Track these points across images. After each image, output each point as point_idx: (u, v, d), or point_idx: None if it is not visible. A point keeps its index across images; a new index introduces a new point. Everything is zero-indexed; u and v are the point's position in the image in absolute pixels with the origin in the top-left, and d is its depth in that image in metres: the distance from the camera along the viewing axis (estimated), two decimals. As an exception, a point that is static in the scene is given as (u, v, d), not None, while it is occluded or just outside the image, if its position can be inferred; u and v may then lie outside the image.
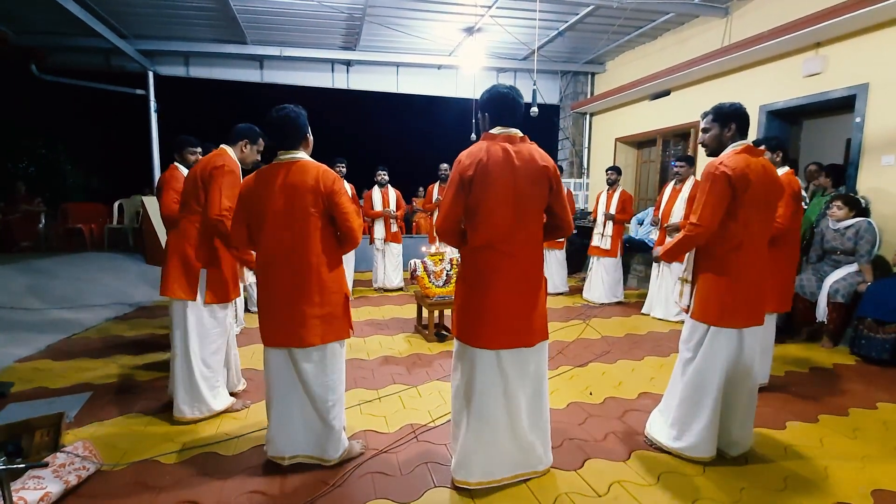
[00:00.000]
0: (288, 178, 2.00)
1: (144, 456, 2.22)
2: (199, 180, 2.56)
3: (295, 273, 2.02)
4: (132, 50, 6.66)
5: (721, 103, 2.24)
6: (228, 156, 2.61)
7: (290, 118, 2.05)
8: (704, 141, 2.28)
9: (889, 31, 4.18)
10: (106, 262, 6.49)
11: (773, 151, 3.05)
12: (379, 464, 2.19)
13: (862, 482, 2.08)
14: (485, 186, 1.84)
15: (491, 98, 1.95)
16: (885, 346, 3.53)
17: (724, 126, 2.19)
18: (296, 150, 2.08)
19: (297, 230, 2.00)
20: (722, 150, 2.21)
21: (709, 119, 2.26)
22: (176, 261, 2.59)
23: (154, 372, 3.34)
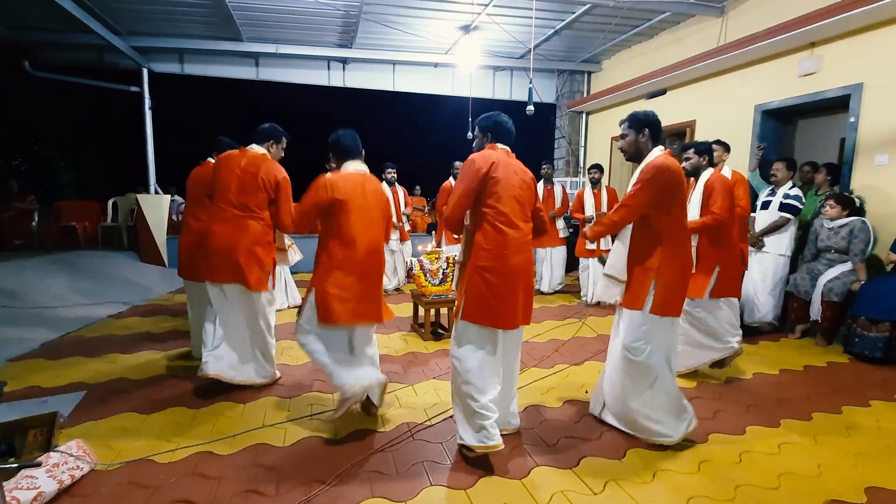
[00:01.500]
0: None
1: (138, 455, 2.21)
2: (261, 183, 2.86)
3: None
4: (126, 47, 6.61)
5: (635, 111, 2.46)
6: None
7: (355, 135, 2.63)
8: (622, 146, 2.49)
9: (883, 31, 4.21)
10: (100, 261, 6.44)
11: (700, 155, 3.26)
12: (375, 463, 2.19)
13: (855, 479, 2.09)
14: (499, 179, 2.17)
15: (496, 123, 2.33)
16: (877, 345, 3.56)
17: (639, 132, 2.39)
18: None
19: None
20: (639, 155, 2.42)
21: (625, 126, 2.45)
22: (248, 256, 2.83)
23: (148, 370, 3.32)
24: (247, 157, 2.90)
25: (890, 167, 4.20)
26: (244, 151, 2.95)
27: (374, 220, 2.56)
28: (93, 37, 6.06)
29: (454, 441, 2.38)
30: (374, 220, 2.55)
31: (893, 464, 2.23)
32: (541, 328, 4.55)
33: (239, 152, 2.95)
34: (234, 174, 2.86)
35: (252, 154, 2.93)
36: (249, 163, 2.88)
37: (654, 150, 2.37)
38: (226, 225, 2.83)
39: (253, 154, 2.93)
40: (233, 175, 2.86)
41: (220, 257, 2.81)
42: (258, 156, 2.93)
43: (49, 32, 6.46)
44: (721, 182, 3.12)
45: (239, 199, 2.85)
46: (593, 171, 5.76)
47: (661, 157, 2.31)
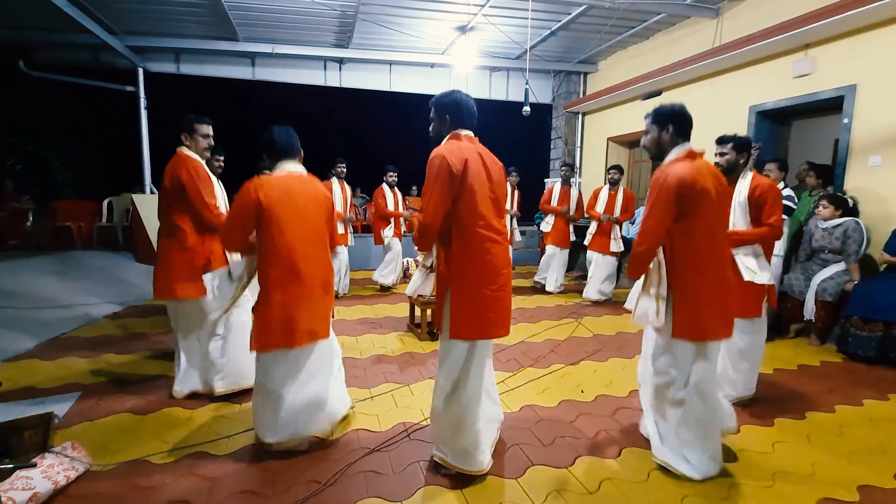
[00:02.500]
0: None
1: (134, 456, 2.21)
2: (171, 188, 2.73)
3: None
4: (122, 46, 6.59)
5: (660, 105, 2.18)
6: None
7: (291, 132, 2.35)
8: (644, 143, 2.21)
9: (877, 33, 4.24)
10: (95, 261, 6.41)
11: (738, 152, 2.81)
12: (371, 462, 2.19)
13: (848, 478, 2.11)
14: (471, 181, 1.93)
15: (454, 102, 2.04)
16: (871, 344, 3.59)
17: (662, 128, 2.12)
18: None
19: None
20: (663, 153, 2.14)
21: (648, 121, 2.18)
22: (167, 268, 2.78)
23: (143, 370, 3.31)
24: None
25: (883, 168, 4.23)
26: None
27: (315, 229, 2.28)
28: (88, 36, 6.03)
29: (450, 441, 2.39)
30: (313, 229, 2.27)
31: (886, 462, 2.25)
32: (537, 328, 4.57)
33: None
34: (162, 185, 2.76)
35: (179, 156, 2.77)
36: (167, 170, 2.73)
37: (675, 148, 2.09)
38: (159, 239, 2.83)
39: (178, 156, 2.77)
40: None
41: (157, 272, 2.80)
42: (171, 160, 2.77)
43: (44, 32, 6.42)
44: (775, 191, 2.71)
45: (162, 210, 2.79)
46: (613, 171, 5.83)
47: (676, 164, 2.03)
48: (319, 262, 2.29)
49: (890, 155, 4.18)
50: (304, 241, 2.22)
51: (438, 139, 2.08)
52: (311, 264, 2.23)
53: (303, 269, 2.19)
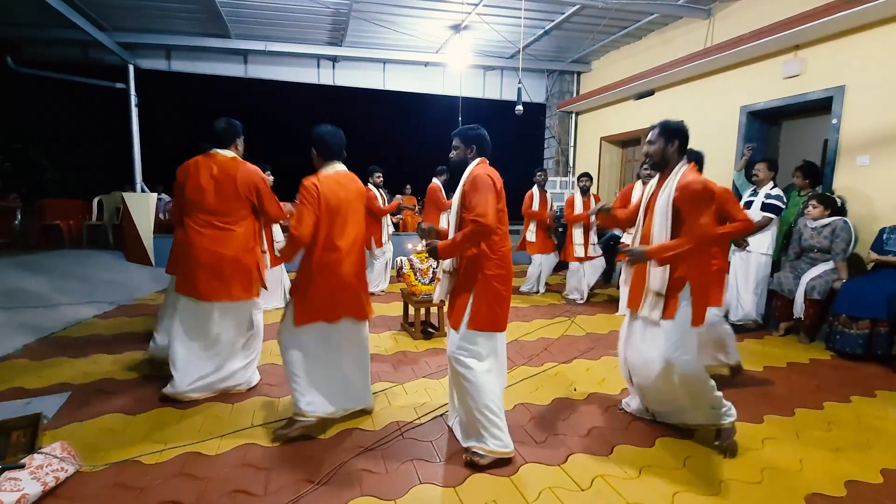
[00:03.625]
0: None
1: (124, 456, 2.18)
2: (241, 191, 2.82)
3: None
4: (111, 42, 6.52)
5: (667, 120, 2.40)
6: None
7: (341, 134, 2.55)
8: (650, 152, 2.41)
9: (865, 34, 4.30)
10: (84, 260, 6.35)
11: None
12: (364, 461, 2.19)
13: (836, 474, 2.14)
14: (502, 195, 2.30)
15: (481, 136, 2.38)
16: (858, 342, 3.64)
17: (669, 141, 2.34)
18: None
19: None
20: (666, 164, 2.37)
21: (655, 133, 2.38)
22: (235, 267, 2.84)
23: (134, 371, 3.28)
24: (217, 164, 2.80)
25: (871, 168, 4.29)
26: (212, 157, 2.83)
27: (356, 222, 2.52)
28: (77, 32, 5.96)
29: (443, 439, 2.40)
30: (355, 221, 2.51)
31: (872, 458, 2.28)
32: (530, 327, 4.58)
33: (206, 158, 2.83)
34: (208, 183, 2.77)
35: (222, 159, 2.83)
36: (222, 169, 2.79)
37: (682, 162, 2.34)
38: (208, 237, 2.76)
39: (223, 159, 2.83)
40: (206, 183, 2.77)
41: (206, 272, 2.74)
42: (229, 160, 2.84)
43: (32, 28, 6.34)
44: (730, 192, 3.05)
45: (218, 208, 2.78)
46: (584, 178, 5.73)
47: (692, 173, 2.27)
48: (357, 251, 2.52)
49: (877, 155, 4.24)
50: (348, 231, 2.45)
51: (460, 165, 2.38)
52: (352, 251, 2.47)
53: (346, 255, 2.43)
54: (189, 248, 2.76)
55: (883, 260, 3.85)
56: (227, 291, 2.79)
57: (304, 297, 2.41)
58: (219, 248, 2.76)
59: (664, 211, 2.31)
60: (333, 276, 2.42)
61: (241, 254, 2.83)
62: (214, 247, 2.76)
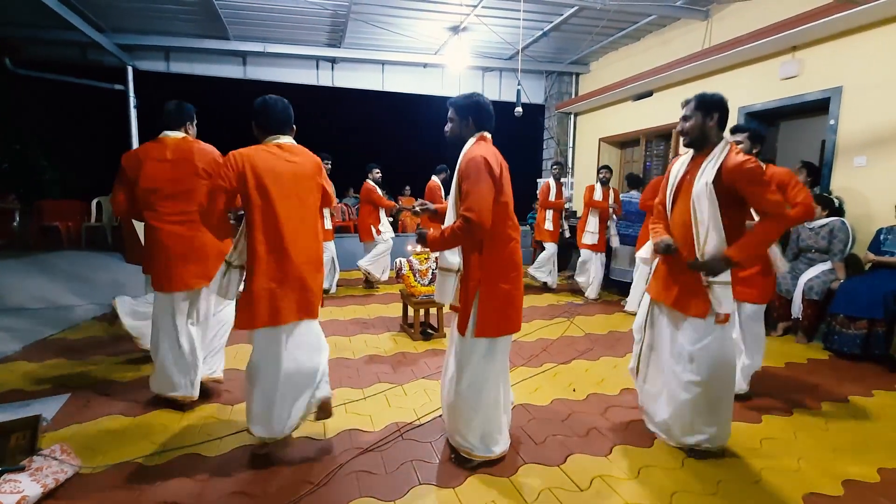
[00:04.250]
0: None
1: (124, 458, 2.19)
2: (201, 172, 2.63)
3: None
4: (110, 44, 6.51)
5: (704, 92, 2.15)
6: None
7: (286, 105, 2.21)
8: (685, 129, 2.17)
9: (862, 35, 4.31)
10: (83, 261, 6.34)
11: (753, 143, 2.86)
12: (364, 462, 2.19)
13: (833, 473, 2.15)
14: (504, 184, 2.03)
15: (477, 104, 2.10)
16: (856, 341, 3.65)
17: (707, 115, 2.11)
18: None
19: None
20: (705, 141, 2.12)
21: (690, 107, 2.14)
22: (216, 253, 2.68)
23: (133, 372, 3.28)
24: (168, 146, 2.62)
25: (868, 169, 4.30)
26: (161, 141, 2.65)
27: (303, 203, 2.15)
28: (76, 34, 5.95)
29: (442, 440, 2.40)
30: (302, 203, 2.14)
31: (870, 457, 2.29)
32: (529, 328, 4.59)
33: (154, 143, 2.66)
34: (163, 167, 2.59)
35: (173, 140, 2.65)
36: (175, 151, 2.62)
37: (723, 141, 2.09)
38: (175, 225, 2.61)
39: (174, 140, 2.65)
40: (161, 169, 2.59)
41: (182, 260, 2.60)
42: (180, 140, 2.66)
43: (31, 29, 6.33)
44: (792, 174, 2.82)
45: (179, 192, 2.60)
46: (603, 171, 5.90)
47: (742, 155, 2.03)
48: (308, 239, 2.17)
49: (874, 156, 4.26)
50: (292, 215, 2.10)
51: (457, 141, 2.12)
52: (298, 240, 2.11)
53: (290, 244, 2.08)
54: (158, 241, 2.61)
55: (880, 260, 3.87)
56: (207, 274, 2.60)
57: (245, 297, 2.08)
58: (188, 232, 2.61)
59: (707, 196, 2.03)
60: (274, 268, 2.06)
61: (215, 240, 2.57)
62: (183, 232, 2.61)
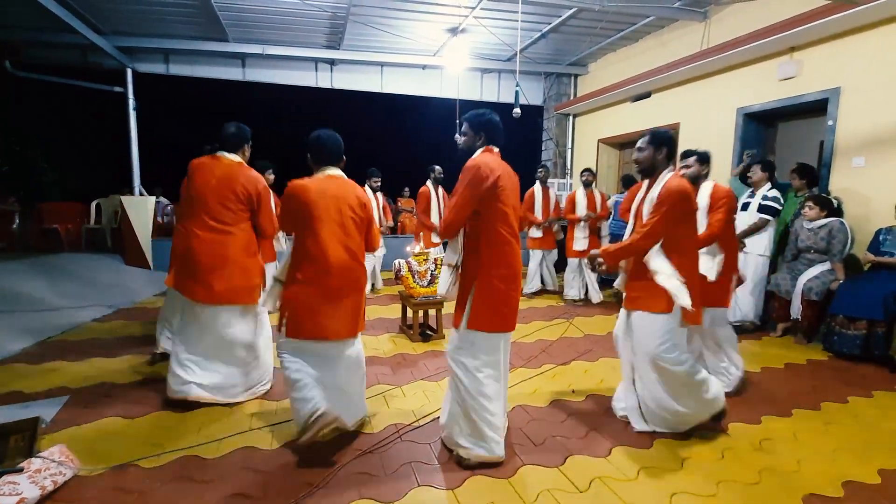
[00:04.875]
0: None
1: (123, 460, 2.18)
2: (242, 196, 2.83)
3: None
4: (110, 46, 6.53)
5: (657, 128, 2.52)
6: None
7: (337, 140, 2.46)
8: (638, 159, 2.51)
9: (860, 36, 4.33)
10: (83, 263, 6.34)
11: (701, 164, 3.12)
12: (363, 464, 2.19)
13: (833, 474, 2.15)
14: (507, 190, 2.17)
15: (491, 123, 2.29)
16: (855, 342, 3.65)
17: (658, 149, 2.44)
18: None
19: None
20: (653, 171, 2.47)
21: (645, 141, 2.48)
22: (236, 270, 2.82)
23: (133, 374, 3.28)
24: (221, 167, 2.82)
25: (866, 169, 4.31)
26: (217, 159, 2.85)
27: (347, 230, 2.37)
28: (76, 36, 5.98)
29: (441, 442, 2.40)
30: (346, 230, 2.37)
31: (870, 458, 2.29)
32: (528, 329, 4.59)
33: (211, 160, 2.85)
34: (210, 185, 2.77)
35: (227, 162, 2.85)
36: (226, 173, 2.80)
37: (667, 170, 2.44)
38: (207, 240, 2.74)
39: (228, 162, 2.85)
40: (208, 186, 2.76)
41: (206, 275, 2.71)
42: (234, 164, 2.86)
43: (31, 31, 6.35)
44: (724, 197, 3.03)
45: (218, 211, 2.76)
46: (586, 173, 5.80)
47: (676, 179, 2.37)
48: (349, 263, 2.36)
49: (873, 156, 4.26)
50: (335, 241, 2.31)
51: (469, 152, 2.30)
52: (340, 263, 2.31)
53: (332, 267, 2.29)
54: (188, 252, 2.74)
55: (879, 261, 3.87)
56: (230, 295, 2.76)
57: (292, 312, 2.30)
58: (219, 249, 2.74)
59: (650, 215, 2.40)
60: (319, 292, 2.29)
61: (242, 257, 2.80)
62: (214, 249, 2.73)
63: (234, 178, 2.81)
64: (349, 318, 2.38)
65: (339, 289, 2.33)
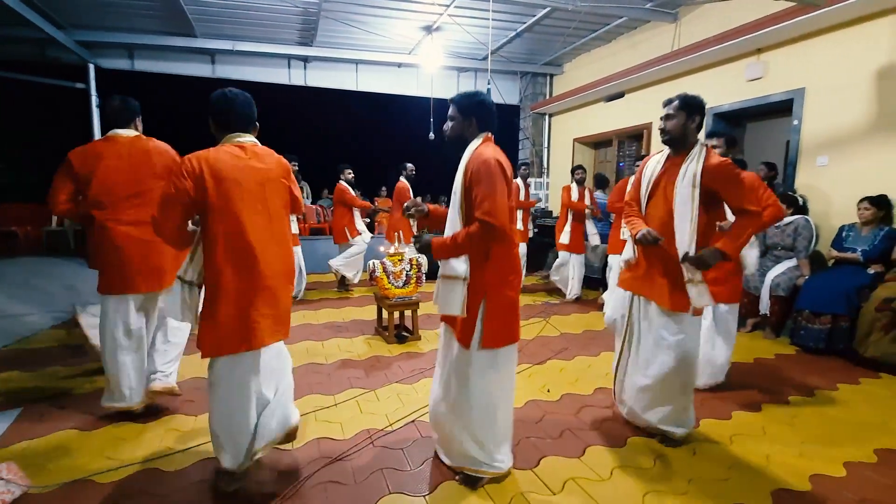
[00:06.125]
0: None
1: (76, 476, 2.07)
2: (160, 170, 2.55)
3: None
4: (69, 41, 6.24)
5: (687, 93, 2.21)
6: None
7: (249, 100, 2.01)
8: (666, 127, 2.21)
9: (824, 38, 4.44)
10: (42, 267, 6.07)
11: (729, 148, 2.99)
12: (332, 472, 2.12)
13: (801, 468, 2.18)
14: (510, 181, 1.91)
15: (482, 103, 1.98)
16: (820, 336, 3.75)
17: (690, 117, 2.17)
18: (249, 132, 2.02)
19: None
20: (685, 141, 2.18)
21: (675, 106, 2.18)
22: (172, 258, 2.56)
23: (90, 383, 3.12)
24: (123, 145, 2.52)
25: (830, 168, 4.44)
26: (113, 140, 2.53)
27: (270, 209, 1.94)
28: (32, 30, 5.69)
29: (415, 446, 2.36)
30: (269, 209, 1.94)
31: (836, 451, 2.34)
32: (505, 328, 4.56)
33: (106, 142, 2.53)
34: (120, 170, 2.48)
35: (125, 139, 2.54)
36: (132, 149, 2.52)
37: (698, 143, 2.17)
38: (134, 228, 2.49)
39: (127, 139, 2.55)
40: (118, 169, 2.48)
41: (141, 265, 2.50)
42: (134, 139, 2.56)
43: (-18, 24, 6.02)
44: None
45: (138, 191, 2.50)
46: (578, 171, 5.78)
47: (716, 157, 2.13)
48: (278, 249, 1.97)
49: (835, 156, 4.39)
50: (258, 224, 1.89)
51: (458, 141, 2.00)
52: (267, 251, 1.91)
53: (258, 256, 1.88)
54: (111, 243, 2.48)
55: (842, 257, 3.98)
56: (161, 280, 2.55)
57: (208, 320, 1.86)
58: (144, 236, 2.45)
59: (688, 195, 2.10)
60: (242, 286, 1.85)
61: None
62: (139, 235, 2.48)
63: (143, 154, 2.54)
64: (279, 320, 1.98)
65: (270, 282, 1.92)
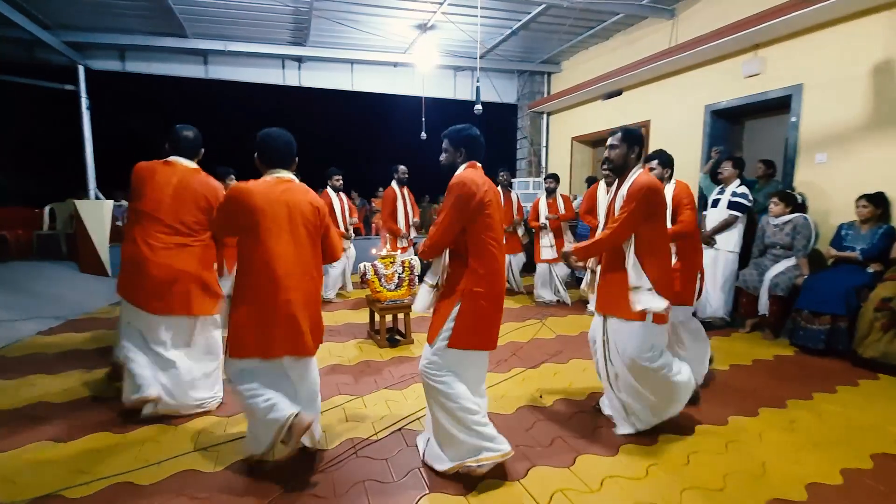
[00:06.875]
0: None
1: (46, 491, 1.99)
2: (204, 203, 2.71)
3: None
4: (57, 42, 6.17)
5: (629, 126, 2.51)
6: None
7: (289, 140, 2.25)
8: (610, 157, 2.47)
9: (822, 33, 4.36)
10: (33, 272, 6.00)
11: (664, 167, 3.12)
12: (311, 484, 2.05)
13: (797, 476, 2.10)
14: (490, 206, 2.09)
15: (472, 139, 2.20)
16: (819, 337, 3.67)
17: (630, 147, 2.42)
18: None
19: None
20: (624, 169, 2.44)
21: (617, 138, 2.44)
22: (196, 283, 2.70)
23: (73, 393, 3.04)
24: (177, 174, 2.67)
25: (828, 165, 4.35)
26: (172, 165, 2.70)
27: (298, 239, 2.15)
28: (19, 31, 5.62)
29: (400, 456, 2.28)
30: (298, 239, 2.14)
31: (833, 457, 2.26)
32: (500, 331, 4.46)
33: (164, 165, 2.69)
34: (166, 193, 2.62)
35: (183, 168, 2.71)
36: (183, 179, 2.67)
37: (636, 168, 2.42)
38: (162, 253, 2.58)
39: (184, 168, 2.71)
40: (164, 194, 2.61)
41: (162, 287, 2.57)
42: (191, 171, 2.72)
43: (-31, 26, 5.95)
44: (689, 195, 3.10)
45: (174, 221, 2.62)
46: (549, 180, 5.76)
47: (645, 175, 2.35)
48: (302, 277, 2.14)
49: (834, 153, 4.31)
50: (286, 252, 2.10)
51: (450, 168, 2.22)
52: (291, 277, 2.09)
53: (281, 281, 2.07)
54: (142, 264, 2.56)
55: (841, 256, 3.90)
56: (186, 306, 2.64)
57: (235, 329, 2.09)
58: (174, 263, 2.59)
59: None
60: (266, 307, 2.06)
61: (198, 269, 2.66)
62: (170, 262, 2.58)
63: (192, 186, 2.67)
64: (302, 335, 2.12)
65: (289, 302, 2.08)
